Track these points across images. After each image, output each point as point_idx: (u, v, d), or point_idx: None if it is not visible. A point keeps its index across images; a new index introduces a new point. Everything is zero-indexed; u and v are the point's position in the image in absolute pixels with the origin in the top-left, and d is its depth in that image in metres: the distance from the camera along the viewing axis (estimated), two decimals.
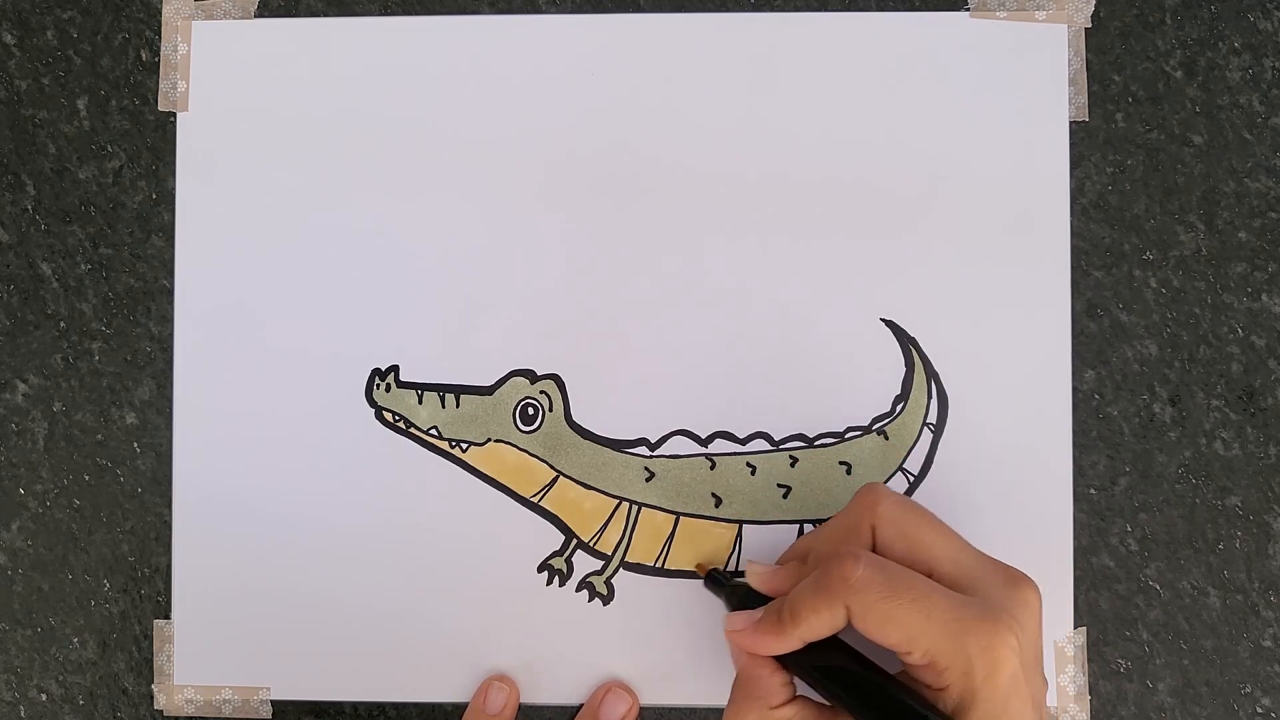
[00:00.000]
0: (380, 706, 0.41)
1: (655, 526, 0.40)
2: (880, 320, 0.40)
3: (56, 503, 0.42)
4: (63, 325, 0.42)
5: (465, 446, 0.41)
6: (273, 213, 0.41)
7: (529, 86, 0.41)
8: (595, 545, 0.40)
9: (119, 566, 0.41)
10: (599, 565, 0.40)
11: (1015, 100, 0.41)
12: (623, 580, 0.40)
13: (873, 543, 0.33)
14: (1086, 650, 0.40)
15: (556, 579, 0.40)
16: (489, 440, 0.41)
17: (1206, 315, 0.41)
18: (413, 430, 0.41)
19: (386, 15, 0.42)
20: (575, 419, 0.40)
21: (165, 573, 0.41)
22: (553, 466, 0.40)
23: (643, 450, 0.40)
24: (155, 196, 0.42)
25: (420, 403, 0.41)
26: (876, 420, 0.40)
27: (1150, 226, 0.41)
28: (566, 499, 0.40)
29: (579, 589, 0.40)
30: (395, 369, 0.41)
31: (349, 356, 0.41)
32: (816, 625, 0.31)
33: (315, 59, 0.41)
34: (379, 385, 0.41)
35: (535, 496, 0.40)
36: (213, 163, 0.41)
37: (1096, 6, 0.41)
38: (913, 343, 0.40)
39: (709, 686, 0.40)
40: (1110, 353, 0.41)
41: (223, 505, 0.41)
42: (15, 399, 0.42)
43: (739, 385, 0.40)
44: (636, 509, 0.40)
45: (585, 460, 0.40)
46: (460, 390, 0.41)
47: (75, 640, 0.41)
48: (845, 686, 0.32)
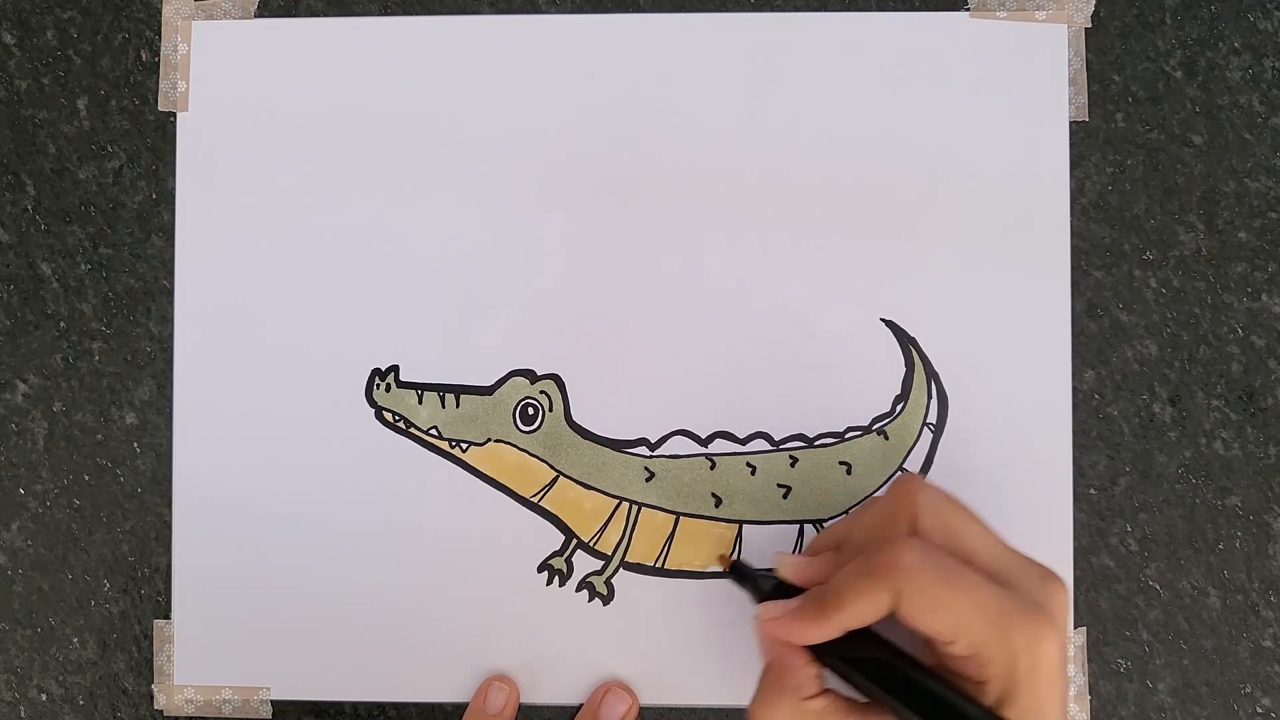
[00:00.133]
0: (380, 706, 0.41)
1: (655, 526, 0.40)
2: (880, 320, 0.40)
3: (56, 503, 0.42)
4: (63, 325, 0.42)
5: (465, 446, 0.41)
6: (273, 213, 0.41)
7: (529, 86, 0.41)
8: (595, 545, 0.40)
9: (119, 566, 0.41)
10: (599, 565, 0.40)
11: (1015, 100, 0.41)
12: (623, 580, 0.40)
13: (913, 533, 0.32)
14: (1086, 650, 0.40)
15: (556, 579, 0.40)
16: (489, 440, 0.41)
17: (1206, 315, 0.41)
18: (413, 430, 0.41)
19: (386, 15, 0.42)
20: (575, 419, 0.40)
21: (165, 573, 0.41)
22: (553, 466, 0.40)
23: (643, 450, 0.40)
24: (155, 196, 0.42)
25: (420, 403, 0.41)
26: (876, 420, 0.40)
27: (1150, 226, 0.41)
28: (566, 499, 0.40)
29: (579, 589, 0.40)
30: (395, 369, 0.41)
31: (349, 356, 0.41)
32: (862, 610, 0.30)
33: (315, 59, 0.41)
34: (379, 385, 0.41)
35: (535, 496, 0.40)
36: (213, 163, 0.41)
37: (1096, 6, 0.41)
38: (913, 343, 0.40)
39: (709, 686, 0.40)
40: (1110, 353, 0.41)
41: (223, 505, 0.41)
42: (15, 399, 0.42)
43: (739, 385, 0.40)
44: (636, 509, 0.40)
45: (585, 460, 0.40)
46: (460, 390, 0.41)
47: (75, 640, 0.41)
48: (882, 678, 0.31)
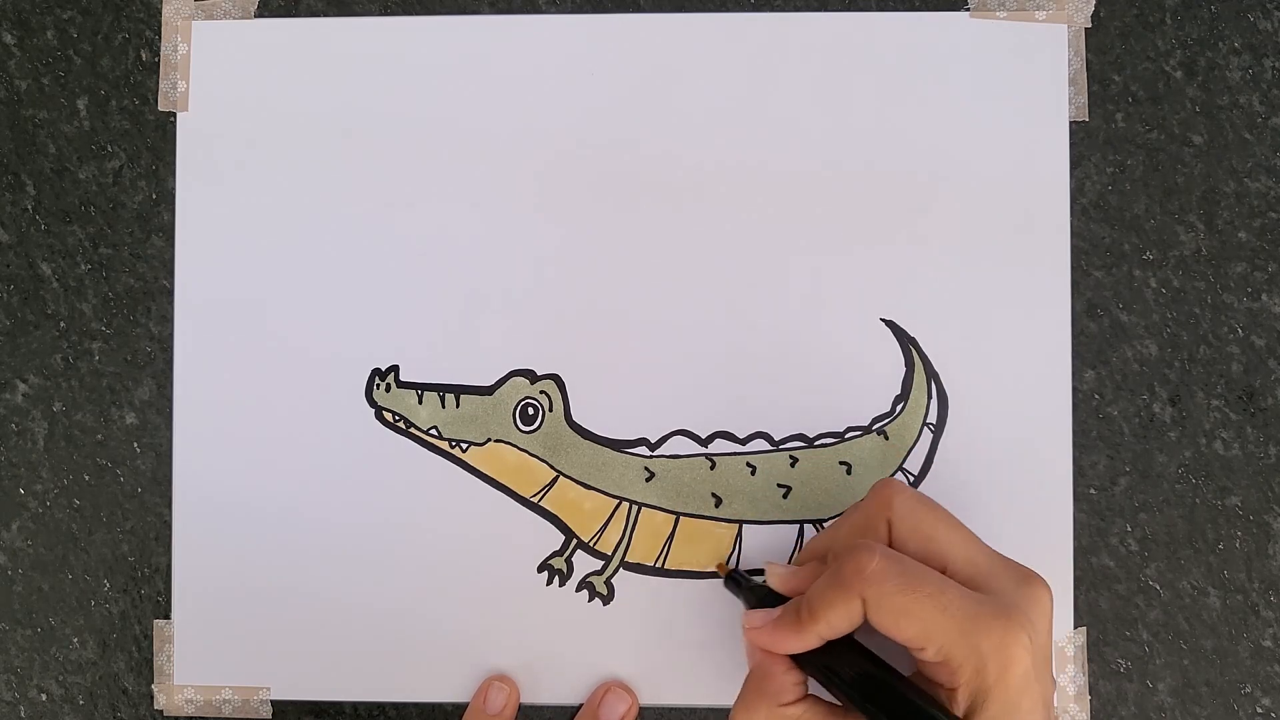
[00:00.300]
0: (380, 706, 0.41)
1: (655, 526, 0.40)
2: (880, 320, 0.40)
3: (56, 503, 0.42)
4: (63, 325, 0.42)
5: (465, 446, 0.41)
6: (273, 212, 0.41)
7: (529, 86, 0.41)
8: (595, 545, 0.40)
9: (119, 566, 0.41)
10: (599, 565, 0.40)
11: (1015, 100, 0.41)
12: (623, 580, 0.40)
13: (889, 538, 0.33)
14: (1086, 650, 0.40)
15: (556, 579, 0.40)
16: (489, 440, 0.41)
17: (1206, 315, 0.41)
18: (413, 430, 0.41)
19: (386, 15, 0.42)
20: (575, 419, 0.40)
21: (165, 573, 0.41)
22: (553, 466, 0.40)
23: (643, 450, 0.40)
24: (155, 196, 0.42)
25: (420, 403, 0.41)
26: (876, 420, 0.40)
27: (1150, 226, 0.41)
28: (566, 499, 0.40)
29: (579, 589, 0.40)
30: (395, 369, 0.41)
31: (349, 356, 0.41)
32: (834, 621, 0.31)
33: (315, 59, 0.41)
34: (379, 385, 0.41)
35: (535, 496, 0.40)
36: (212, 163, 0.41)
37: (1096, 6, 0.41)
38: (913, 343, 0.40)
39: (709, 686, 0.40)
40: (1110, 353, 0.41)
41: (223, 505, 0.41)
42: (15, 399, 0.42)
43: (739, 385, 0.40)
44: (636, 509, 0.40)
45: (585, 460, 0.40)
46: (460, 390, 0.41)
47: (75, 640, 0.41)
48: (858, 686, 0.32)
